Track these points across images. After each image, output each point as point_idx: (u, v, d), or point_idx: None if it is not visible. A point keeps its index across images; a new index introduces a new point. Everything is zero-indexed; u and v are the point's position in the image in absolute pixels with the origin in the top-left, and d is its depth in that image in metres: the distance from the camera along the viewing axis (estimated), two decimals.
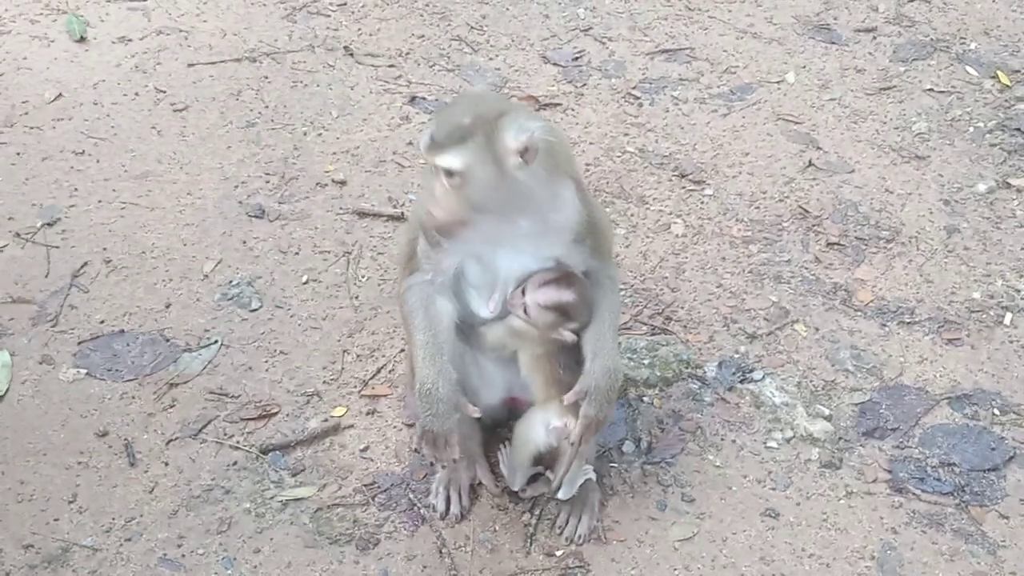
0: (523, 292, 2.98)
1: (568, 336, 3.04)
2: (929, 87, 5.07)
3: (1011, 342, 3.93)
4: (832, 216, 4.36)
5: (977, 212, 4.45)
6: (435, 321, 3.00)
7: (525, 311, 2.98)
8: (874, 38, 5.37)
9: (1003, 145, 4.76)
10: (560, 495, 3.25)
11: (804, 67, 5.18)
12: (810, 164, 4.60)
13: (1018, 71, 5.15)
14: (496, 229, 2.89)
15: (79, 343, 3.80)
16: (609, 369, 2.97)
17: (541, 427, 3.13)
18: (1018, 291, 4.12)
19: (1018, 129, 4.83)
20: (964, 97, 5.01)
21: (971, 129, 4.84)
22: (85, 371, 3.71)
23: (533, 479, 3.33)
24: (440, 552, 3.23)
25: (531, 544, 3.27)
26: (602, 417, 2.98)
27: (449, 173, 2.79)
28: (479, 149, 2.74)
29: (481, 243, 2.97)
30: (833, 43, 5.32)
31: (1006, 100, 4.99)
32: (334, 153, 4.59)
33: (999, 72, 5.13)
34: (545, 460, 3.25)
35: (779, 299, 4.03)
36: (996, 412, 3.69)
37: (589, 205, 2.99)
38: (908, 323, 3.98)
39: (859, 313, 3.99)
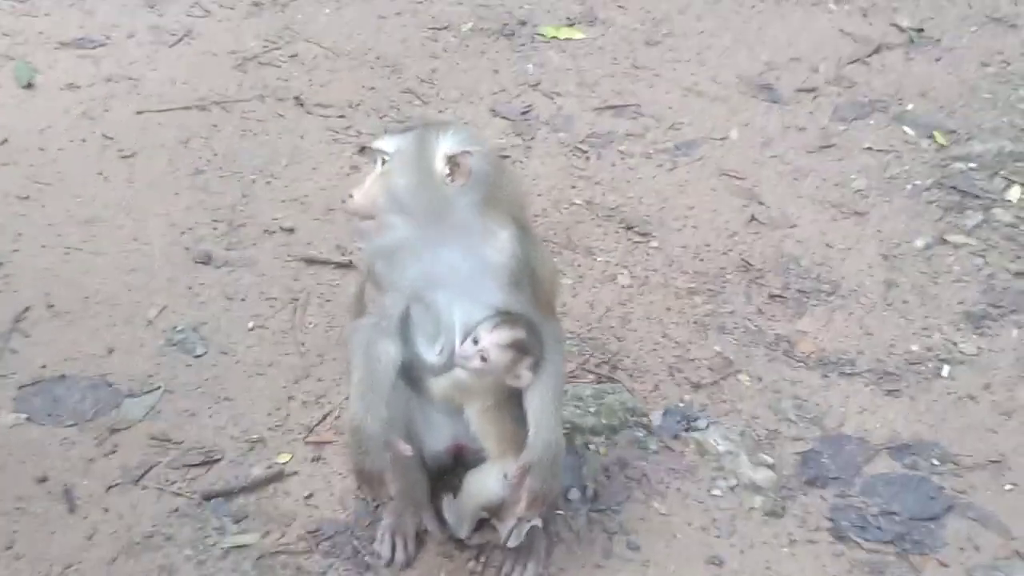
0: (475, 341, 2.97)
1: (525, 376, 3.03)
2: (868, 146, 5.17)
3: (949, 394, 3.98)
4: (774, 269, 4.42)
5: (915, 267, 4.53)
6: (373, 360, 2.96)
7: (483, 359, 2.97)
8: (815, 98, 5.47)
9: (940, 202, 4.85)
10: (508, 544, 3.24)
11: (747, 125, 5.26)
12: (753, 219, 4.67)
13: (954, 131, 5.25)
14: (422, 254, 2.84)
15: (19, 388, 3.75)
16: (551, 443, 2.95)
17: (497, 480, 3.14)
18: (955, 344, 4.19)
19: (954, 187, 4.92)
20: (902, 156, 5.11)
21: (909, 187, 4.93)
22: (25, 416, 3.66)
23: (478, 526, 3.32)
24: None
25: None
26: (548, 490, 2.97)
27: (381, 158, 2.79)
28: (414, 140, 2.76)
29: (415, 276, 2.94)
30: (775, 102, 5.41)
31: (942, 159, 5.09)
32: (283, 201, 4.59)
33: (936, 132, 5.23)
34: (491, 508, 3.24)
35: (723, 349, 4.07)
36: (935, 462, 3.73)
37: (531, 251, 2.94)
38: (849, 374, 4.02)
39: (801, 364, 4.04)
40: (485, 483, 3.17)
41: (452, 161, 2.74)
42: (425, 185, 2.76)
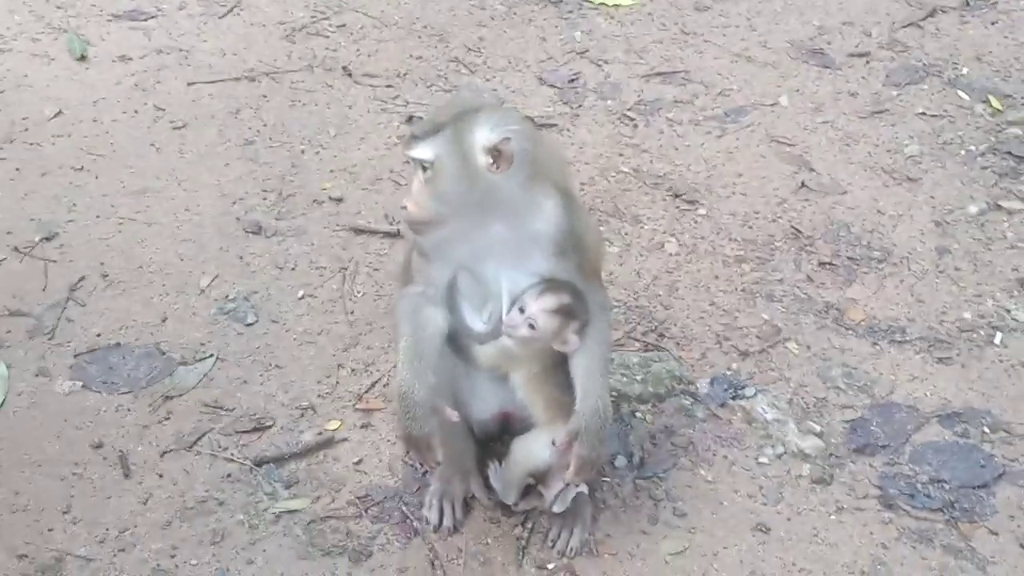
0: (522, 310, 2.98)
1: (572, 341, 3.04)
2: (921, 111, 5.11)
3: (1001, 361, 3.95)
4: (824, 236, 4.39)
5: (968, 233, 4.48)
6: (419, 328, 2.98)
7: (531, 326, 2.98)
8: (867, 63, 5.41)
9: (994, 168, 4.79)
10: (554, 509, 3.26)
11: (798, 91, 5.22)
12: (803, 185, 4.63)
13: (1009, 96, 5.19)
14: (472, 233, 2.86)
15: (75, 356, 3.81)
16: (598, 409, 2.96)
17: (544, 447, 3.15)
18: (1008, 311, 4.14)
19: (1009, 152, 4.86)
20: (956, 121, 5.05)
21: (962, 152, 4.87)
22: (81, 383, 3.72)
23: (525, 492, 3.34)
24: (432, 565, 3.23)
25: (523, 557, 3.28)
26: (595, 456, 2.98)
27: (422, 166, 2.78)
28: (449, 141, 2.74)
29: (462, 250, 2.91)
30: (826, 67, 5.37)
31: (997, 124, 5.03)
32: (331, 171, 4.63)
33: (990, 97, 5.17)
34: (538, 475, 3.26)
35: (771, 317, 4.06)
36: (986, 430, 3.70)
37: (576, 219, 2.95)
38: (899, 342, 4.00)
39: (850, 332, 4.01)
40: (532, 449, 3.19)
41: (493, 151, 2.74)
42: (472, 180, 2.77)
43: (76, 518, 3.34)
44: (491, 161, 2.76)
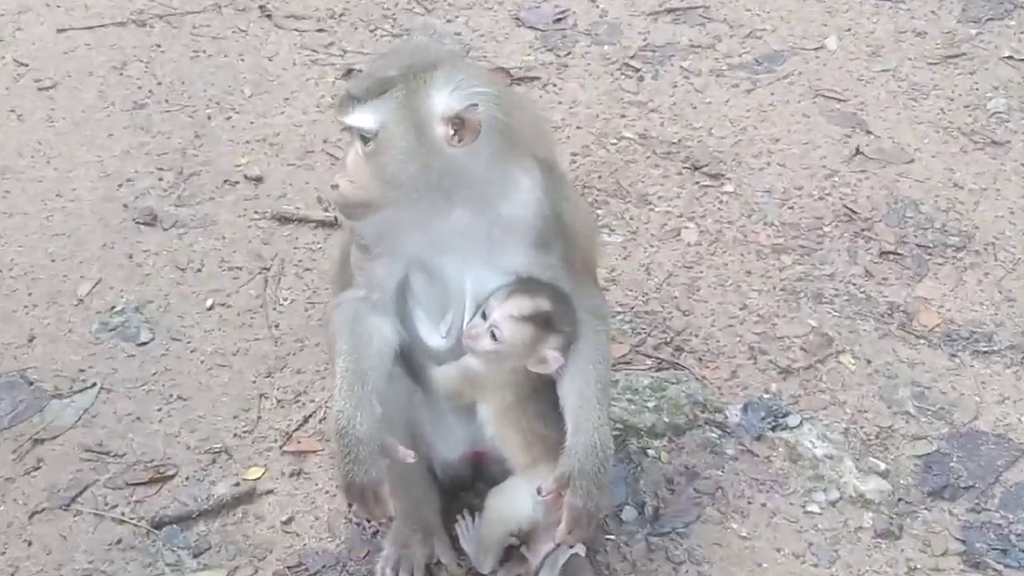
0: (484, 315, 3.00)
1: (552, 360, 3.04)
2: (1007, 54, 5.13)
3: None
4: (886, 218, 4.40)
5: None
6: (361, 344, 3.00)
7: (494, 336, 2.99)
8: None
9: None
10: None
11: (849, 30, 5.23)
12: (857, 152, 4.64)
13: None
14: (427, 220, 2.87)
15: None
16: (594, 446, 2.98)
17: (526, 499, 3.15)
18: None
19: None
20: None
21: None
22: None
23: (505, 557, 3.33)
24: None
25: None
26: (593, 508, 2.99)
27: (362, 136, 2.77)
28: (397, 106, 2.74)
29: (415, 243, 2.94)
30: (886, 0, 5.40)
31: None
32: (247, 142, 4.61)
33: None
34: (521, 534, 3.27)
35: (820, 323, 4.05)
36: None
37: (561, 200, 2.97)
38: (984, 352, 4.01)
39: (922, 340, 4.02)
40: (512, 502, 3.19)
41: (454, 121, 2.73)
42: (426, 156, 2.77)
43: None
44: (452, 132, 2.75)
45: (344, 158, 2.87)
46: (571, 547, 3.20)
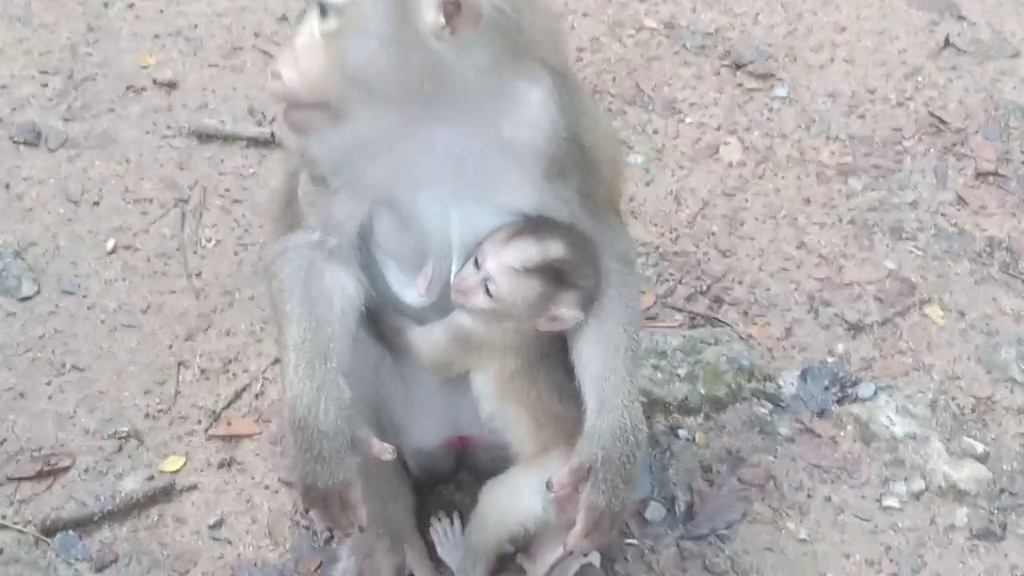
0: (477, 263, 3.04)
1: (569, 317, 3.09)
2: None
3: None
4: (984, 129, 4.47)
5: None
6: (319, 306, 3.03)
7: (488, 291, 3.04)
8: None
9: None
10: None
11: None
12: (947, 44, 4.71)
13: None
14: (402, 139, 2.87)
15: None
16: (623, 428, 3.03)
17: (533, 496, 3.20)
18: None
19: None
20: None
21: None
22: None
23: (498, 567, 3.39)
24: None
25: None
26: (616, 507, 3.04)
27: (322, 6, 2.75)
28: None
29: (385, 169, 2.95)
30: None
31: None
32: (155, 36, 4.64)
33: None
34: (520, 539, 3.34)
35: (899, 266, 4.12)
36: None
37: (578, 115, 2.98)
38: None
39: None
40: (514, 499, 3.25)
41: (448, 5, 2.69)
42: (405, 48, 2.74)
43: None
44: (443, 20, 2.72)
45: (294, 38, 2.83)
46: (584, 555, 3.29)
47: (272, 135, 4.24)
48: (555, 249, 3.04)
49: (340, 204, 3.04)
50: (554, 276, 3.05)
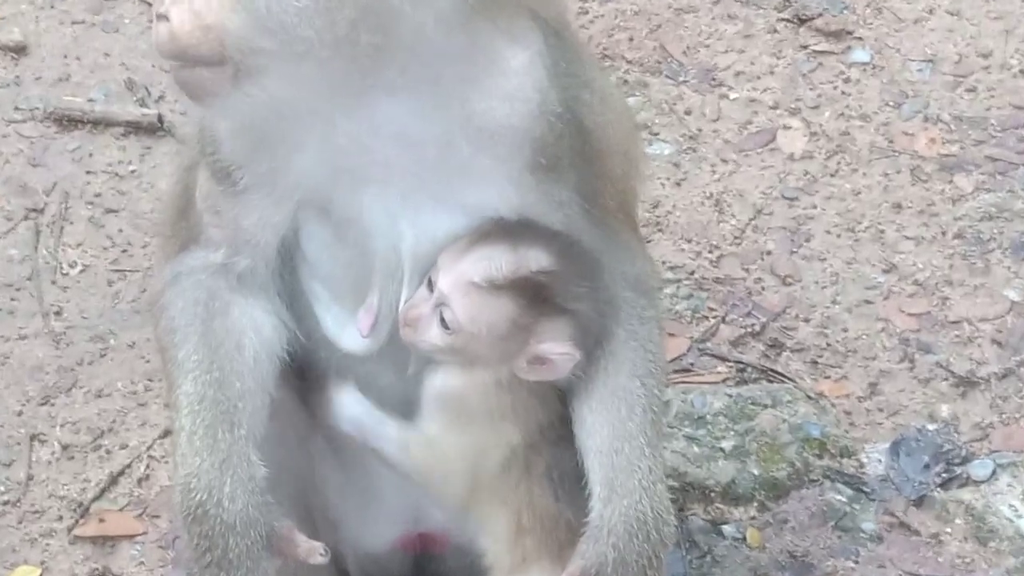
0: (430, 284, 2.89)
1: (560, 359, 2.90)
2: None
3: None
4: None
5: None
6: (223, 353, 2.94)
7: (444, 321, 2.87)
8: None
9: None
10: None
11: None
12: None
13: None
14: (338, 113, 2.78)
15: None
16: (643, 520, 2.94)
17: None
18: None
19: None
20: None
21: None
22: None
23: None
24: None
25: None
26: None
27: None
28: None
29: (313, 157, 2.83)
30: None
31: None
32: None
33: None
34: None
35: None
36: None
37: (577, 87, 2.92)
38: None
39: None
40: None
41: None
42: None
43: None
44: None
45: None
46: None
47: (159, 118, 4.18)
48: (535, 258, 2.88)
49: (252, 210, 2.93)
50: (533, 296, 2.89)
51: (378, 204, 2.88)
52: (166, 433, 3.63)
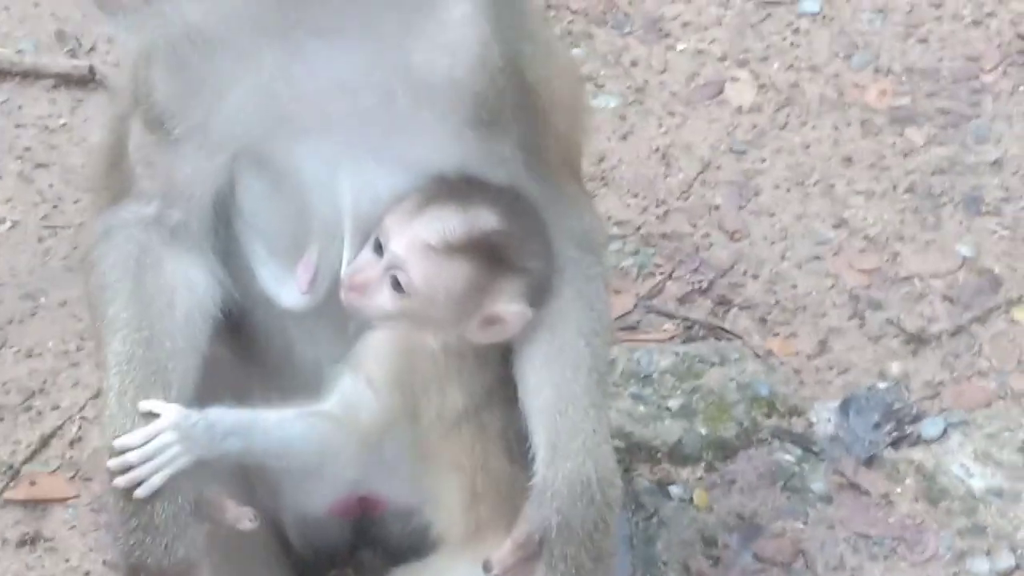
0: (378, 246, 2.87)
1: (514, 318, 2.89)
2: None
3: None
4: None
5: None
6: (154, 310, 2.92)
7: (397, 283, 2.84)
8: None
9: None
10: None
11: None
12: None
13: None
14: (264, 59, 2.75)
15: None
16: (587, 482, 2.94)
17: None
18: None
19: None
20: None
21: None
22: None
23: None
24: None
25: None
26: None
27: None
28: None
29: (246, 107, 2.80)
30: None
31: None
32: None
33: None
34: None
35: (977, 252, 3.99)
36: None
37: (520, 37, 2.91)
38: None
39: None
40: None
41: None
42: None
43: None
44: None
45: None
46: None
47: (91, 70, 4.16)
48: (487, 218, 2.88)
49: (185, 160, 2.90)
50: (489, 256, 2.88)
51: (316, 156, 2.87)
52: (99, 394, 3.46)
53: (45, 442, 3.65)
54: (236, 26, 2.70)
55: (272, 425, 2.85)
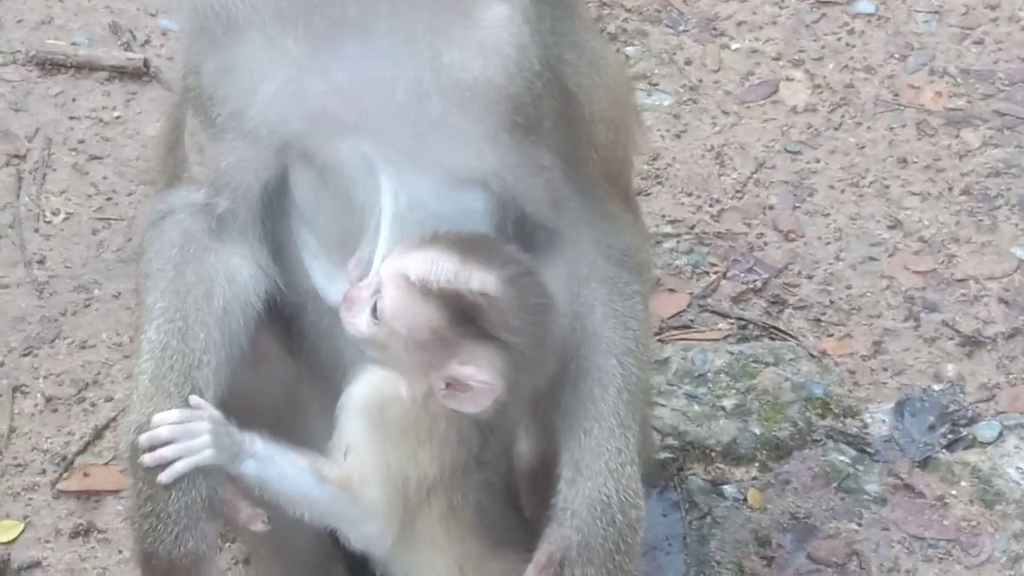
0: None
1: (477, 381, 2.82)
2: None
3: None
4: None
5: None
6: (191, 300, 2.91)
7: (375, 310, 2.83)
8: None
9: None
10: None
11: None
12: None
13: None
14: (305, 54, 2.74)
15: None
16: (607, 502, 2.92)
17: None
18: None
19: None
20: None
21: None
22: None
23: None
24: None
25: None
26: None
27: None
28: None
29: (290, 102, 2.80)
30: None
31: None
32: None
33: None
34: None
35: None
36: None
37: (561, 41, 2.90)
38: None
39: None
40: None
41: None
42: None
43: None
44: None
45: None
46: None
47: (145, 63, 4.16)
48: (480, 279, 2.81)
49: (230, 149, 2.90)
50: (462, 314, 2.81)
51: (356, 152, 2.86)
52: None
53: (98, 434, 3.65)
54: (261, 11, 2.68)
55: (289, 471, 2.86)
